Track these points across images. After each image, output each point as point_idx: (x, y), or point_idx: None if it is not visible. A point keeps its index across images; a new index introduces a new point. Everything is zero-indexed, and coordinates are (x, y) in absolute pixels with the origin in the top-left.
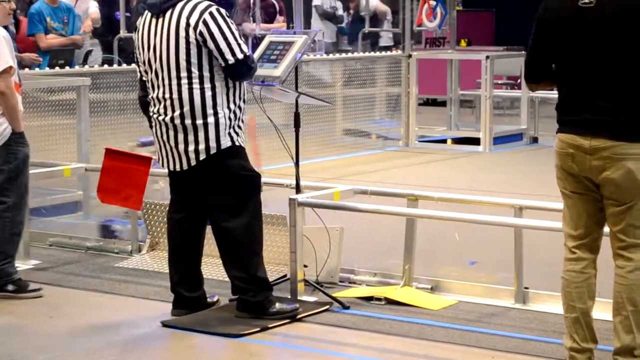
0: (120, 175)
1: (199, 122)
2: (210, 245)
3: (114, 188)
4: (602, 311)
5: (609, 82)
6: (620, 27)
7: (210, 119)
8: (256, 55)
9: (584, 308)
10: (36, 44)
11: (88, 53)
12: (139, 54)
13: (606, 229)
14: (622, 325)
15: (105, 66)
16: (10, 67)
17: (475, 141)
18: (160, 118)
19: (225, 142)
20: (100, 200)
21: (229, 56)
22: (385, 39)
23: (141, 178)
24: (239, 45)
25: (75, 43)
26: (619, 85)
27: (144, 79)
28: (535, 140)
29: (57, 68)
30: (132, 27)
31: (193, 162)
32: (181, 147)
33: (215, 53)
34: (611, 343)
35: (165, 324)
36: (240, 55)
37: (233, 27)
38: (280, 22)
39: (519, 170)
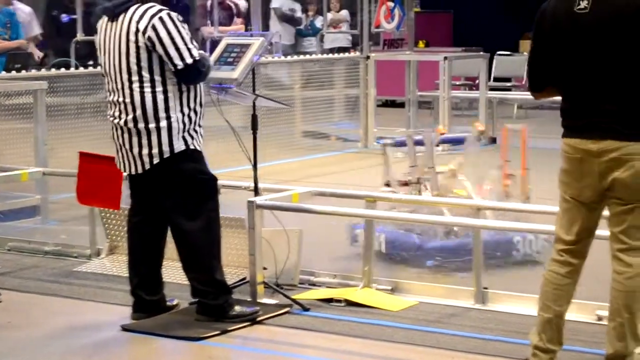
0: (96, 177)
1: (152, 125)
2: (170, 248)
3: (92, 190)
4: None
5: (609, 85)
6: (615, 31)
7: (163, 123)
8: (213, 57)
9: (559, 311)
10: None
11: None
12: (99, 57)
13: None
14: (616, 331)
15: (63, 70)
16: None
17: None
18: (116, 121)
19: (179, 146)
20: (79, 202)
21: (177, 61)
22: (343, 40)
23: (117, 178)
24: (188, 50)
25: (20, 47)
26: (620, 87)
27: None
28: (493, 140)
29: (13, 72)
30: (90, 29)
31: (147, 166)
32: (135, 150)
33: (165, 58)
34: (576, 344)
35: (125, 328)
36: (189, 60)
37: (184, 31)
38: (238, 25)
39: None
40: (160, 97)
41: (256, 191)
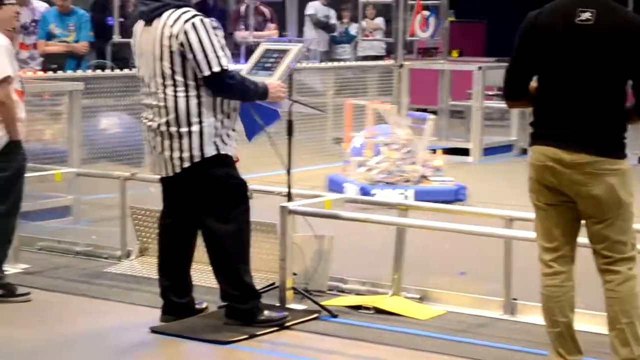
0: None
1: (184, 129)
2: (200, 251)
3: None
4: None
5: (597, 98)
6: (615, 45)
7: (195, 127)
8: (251, 62)
9: (567, 321)
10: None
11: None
12: (135, 60)
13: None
14: (619, 339)
15: (98, 71)
16: (9, 77)
17: (465, 152)
18: (149, 124)
19: (210, 151)
20: None
21: (204, 68)
22: (378, 48)
23: None
24: (217, 57)
25: (74, 51)
26: (606, 102)
27: None
28: (524, 152)
29: (50, 72)
30: (126, 32)
31: (178, 169)
32: (167, 153)
33: (193, 64)
34: (598, 355)
35: (153, 330)
36: (216, 69)
37: (215, 38)
38: (271, 30)
39: (509, 181)
40: (193, 102)
41: (289, 197)
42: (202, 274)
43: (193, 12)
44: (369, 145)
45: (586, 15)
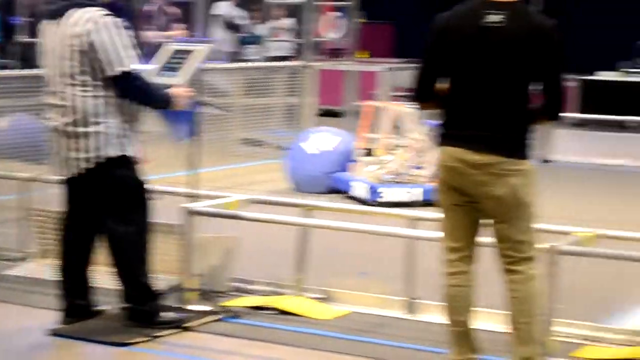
0: None
1: (88, 130)
2: (100, 253)
3: None
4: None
5: (504, 100)
6: (526, 48)
7: (99, 128)
8: (158, 63)
9: (467, 321)
10: None
11: None
12: (41, 59)
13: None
14: (518, 337)
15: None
16: None
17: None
18: (53, 124)
19: (114, 152)
20: None
21: (110, 68)
22: (286, 49)
23: None
24: (124, 58)
25: None
26: (513, 103)
27: None
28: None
29: None
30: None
31: (82, 170)
32: (71, 154)
33: (99, 63)
34: (496, 353)
35: (54, 333)
36: (122, 69)
37: (123, 38)
38: (179, 30)
39: None
40: (98, 102)
41: (193, 197)
42: (103, 275)
43: (101, 11)
44: (383, 146)
45: (497, 17)
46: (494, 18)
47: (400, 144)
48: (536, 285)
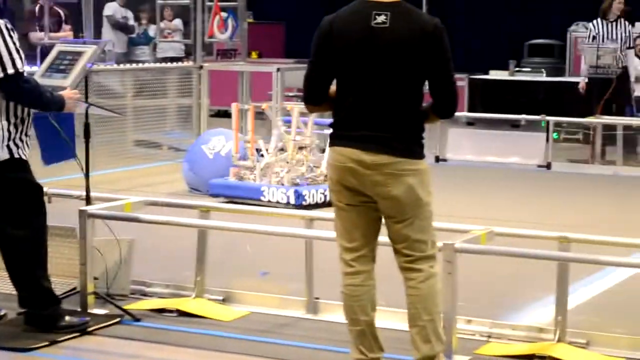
0: None
1: None
2: None
3: None
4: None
5: (394, 100)
6: (411, 47)
7: None
8: (45, 65)
9: (368, 320)
10: None
11: None
12: None
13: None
14: (420, 335)
15: None
16: None
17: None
18: None
19: (2, 155)
20: None
21: None
22: (177, 49)
23: None
24: (12, 60)
25: None
26: (404, 103)
27: None
28: (322, 150)
29: None
30: None
31: None
32: None
33: None
34: (397, 351)
35: None
36: (10, 71)
37: (10, 40)
38: (66, 31)
39: None
40: None
41: (88, 200)
42: (0, 280)
43: None
44: (251, 150)
45: (381, 18)
46: (378, 19)
47: (267, 146)
48: (436, 283)
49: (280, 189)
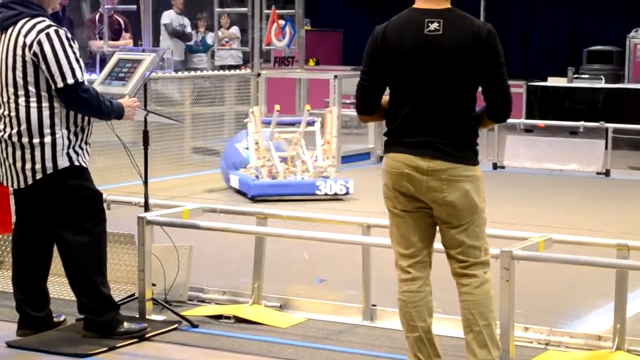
0: None
1: (36, 140)
2: (57, 263)
3: None
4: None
5: (450, 106)
6: (465, 53)
7: (47, 139)
8: (104, 72)
9: (425, 326)
10: None
11: None
12: None
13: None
14: (476, 341)
15: None
16: None
17: None
18: (0, 135)
19: (63, 163)
20: None
21: (58, 80)
22: (235, 57)
23: (4, 201)
24: (71, 69)
25: None
26: (459, 109)
27: None
28: (382, 159)
29: None
30: None
31: (30, 181)
32: (18, 165)
33: (47, 75)
34: (455, 359)
35: (10, 345)
36: (70, 80)
37: (70, 50)
38: (126, 40)
39: (367, 188)
40: (45, 113)
41: (146, 207)
42: (60, 286)
43: (48, 22)
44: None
45: (434, 25)
46: (431, 26)
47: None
48: (491, 288)
49: (339, 181)
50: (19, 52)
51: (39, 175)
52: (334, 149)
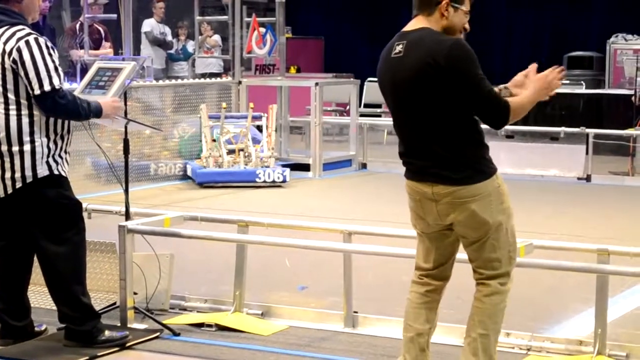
0: None
1: (15, 149)
2: (37, 273)
3: None
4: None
5: (432, 130)
6: (422, 77)
7: (26, 147)
8: (85, 81)
9: (420, 329)
10: None
11: None
12: None
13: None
14: (470, 347)
15: None
16: None
17: (305, 167)
18: None
19: (42, 171)
20: None
21: (35, 87)
22: (215, 65)
23: None
24: (49, 77)
25: None
26: (443, 132)
27: None
28: (364, 166)
29: None
30: None
31: (10, 190)
32: None
33: (25, 82)
34: None
35: None
36: (47, 88)
37: (49, 58)
38: (106, 49)
39: (349, 196)
40: (25, 121)
41: (127, 215)
42: (41, 295)
43: (27, 30)
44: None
45: (399, 47)
46: (396, 49)
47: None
48: (502, 301)
49: (277, 170)
50: (1, 59)
51: (18, 184)
52: (273, 141)
